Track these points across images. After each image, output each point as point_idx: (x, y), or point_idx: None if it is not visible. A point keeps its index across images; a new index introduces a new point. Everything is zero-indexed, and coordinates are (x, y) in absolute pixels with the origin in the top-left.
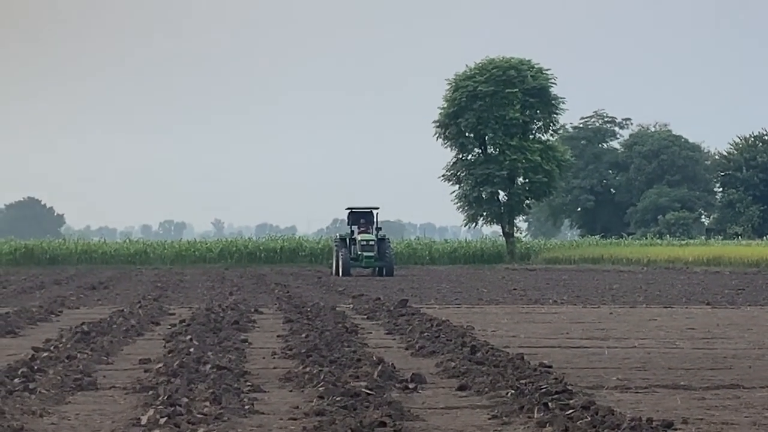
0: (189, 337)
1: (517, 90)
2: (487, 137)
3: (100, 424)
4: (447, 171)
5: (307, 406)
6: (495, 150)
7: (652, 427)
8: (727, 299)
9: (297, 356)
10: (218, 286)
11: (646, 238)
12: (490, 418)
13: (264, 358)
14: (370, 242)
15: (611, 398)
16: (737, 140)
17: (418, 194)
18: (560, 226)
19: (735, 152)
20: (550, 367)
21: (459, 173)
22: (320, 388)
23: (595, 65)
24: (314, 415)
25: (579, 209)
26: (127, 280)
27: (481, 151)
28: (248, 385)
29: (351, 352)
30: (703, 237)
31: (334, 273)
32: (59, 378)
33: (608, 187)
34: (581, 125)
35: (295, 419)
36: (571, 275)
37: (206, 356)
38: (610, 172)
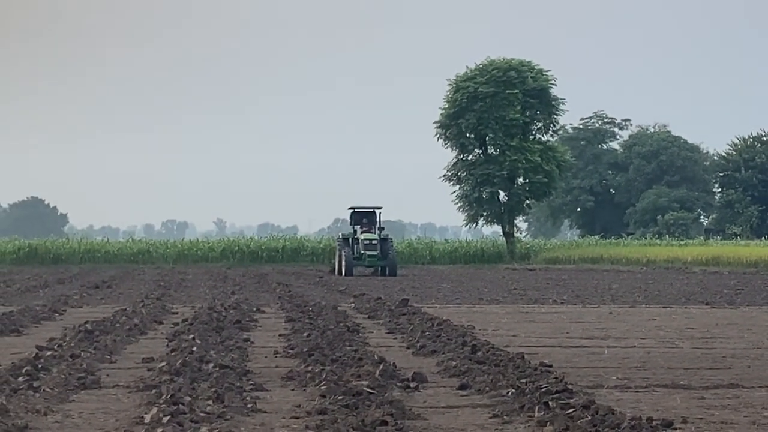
0: (192, 336)
1: (518, 91)
2: (487, 138)
3: (104, 423)
4: (447, 171)
5: (309, 404)
6: (495, 150)
7: (652, 427)
8: (726, 299)
9: (299, 355)
10: (220, 286)
11: (646, 238)
12: (491, 417)
13: (266, 357)
14: (373, 242)
15: (611, 397)
16: (736, 141)
17: (419, 194)
18: (560, 227)
19: (734, 153)
20: (551, 366)
21: (459, 173)
22: (322, 387)
23: (595, 66)
24: (316, 414)
25: (579, 209)
26: (130, 279)
27: (481, 151)
28: (251, 384)
29: (352, 351)
30: (702, 237)
31: (336, 272)
32: (63, 376)
33: (608, 187)
34: (581, 126)
35: (297, 418)
36: (570, 275)
37: (209, 355)
38: (610, 172)
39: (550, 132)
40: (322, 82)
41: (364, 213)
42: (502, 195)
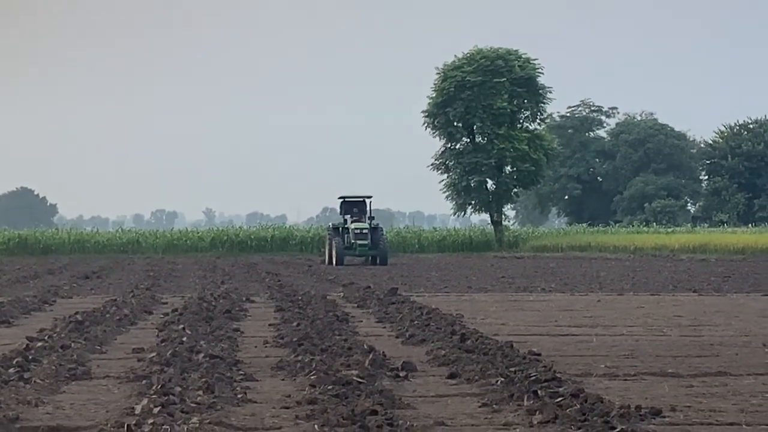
0: (182, 326)
1: (505, 80)
2: (475, 126)
3: (95, 414)
4: (435, 160)
5: (299, 394)
6: (483, 139)
7: (640, 415)
8: (714, 286)
9: (289, 345)
10: (210, 275)
11: (633, 225)
12: (480, 406)
13: (256, 346)
14: (364, 231)
15: (600, 386)
16: (723, 129)
17: (407, 183)
18: (548, 215)
19: (720, 140)
20: (539, 354)
21: (447, 162)
22: (312, 377)
23: (583, 55)
24: (306, 404)
25: (566, 197)
26: (119, 269)
27: (469, 140)
28: (241, 374)
29: (342, 340)
30: (689, 224)
31: (327, 262)
32: (53, 367)
33: (595, 175)
34: (568, 114)
35: (287, 408)
36: (558, 263)
37: (199, 345)
38: (597, 160)
39: (538, 120)
40: (312, 72)
41: (354, 202)
42: (489, 183)
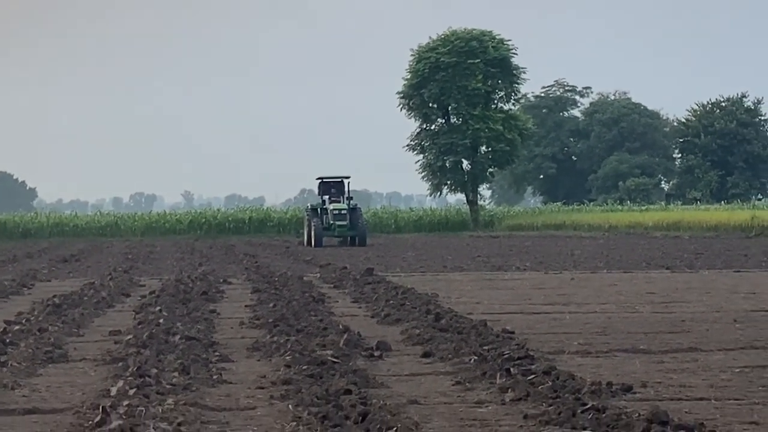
0: (158, 308)
1: (479, 61)
2: (450, 107)
3: (71, 396)
4: (411, 141)
5: (274, 375)
6: (458, 120)
7: (611, 391)
8: (686, 263)
9: (264, 326)
10: (188, 258)
11: (607, 204)
12: (453, 385)
13: (232, 328)
14: (342, 211)
15: (572, 363)
16: (695, 107)
17: (384, 164)
18: (523, 194)
19: (693, 119)
20: (513, 333)
21: (423, 143)
22: (287, 357)
23: (557, 35)
24: (281, 384)
25: (541, 177)
26: (98, 252)
27: (444, 121)
28: (216, 355)
29: (317, 321)
30: (662, 202)
31: (306, 243)
32: (30, 350)
33: (570, 154)
34: (543, 94)
35: (262, 388)
36: (533, 242)
37: (175, 327)
38: (572, 139)
39: (512, 101)
40: (290, 53)
41: (332, 183)
42: (465, 164)
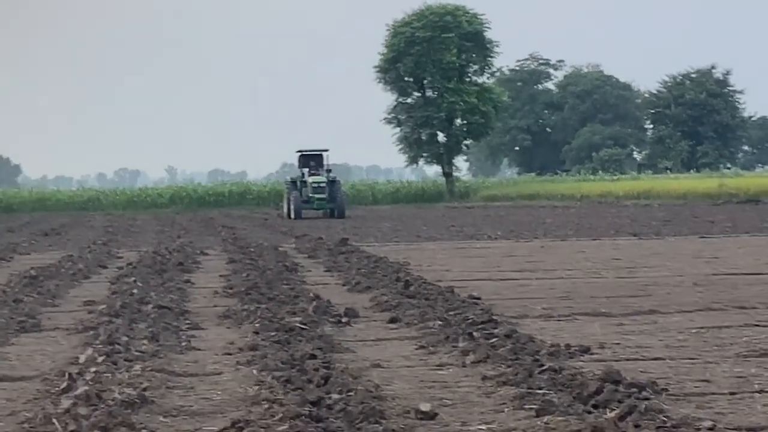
0: (133, 278)
1: (453, 35)
2: (425, 81)
3: (41, 364)
4: (388, 114)
5: (242, 341)
6: (433, 93)
7: (569, 353)
8: (654, 231)
9: (237, 294)
10: (167, 230)
11: (580, 174)
12: (417, 349)
13: (205, 297)
14: (321, 184)
15: (534, 326)
16: (666, 79)
17: (364, 137)
18: (499, 165)
19: (664, 90)
20: (479, 298)
21: (399, 116)
22: (256, 325)
23: (531, 10)
24: (248, 350)
25: (517, 148)
26: (79, 226)
27: (420, 94)
28: (187, 323)
29: (289, 289)
30: (634, 172)
31: (285, 216)
32: (3, 321)
33: (544, 126)
34: (517, 68)
35: (229, 354)
36: (507, 211)
37: (149, 297)
38: (546, 112)
39: (486, 74)
40: (269, 30)
41: (311, 156)
42: (440, 136)
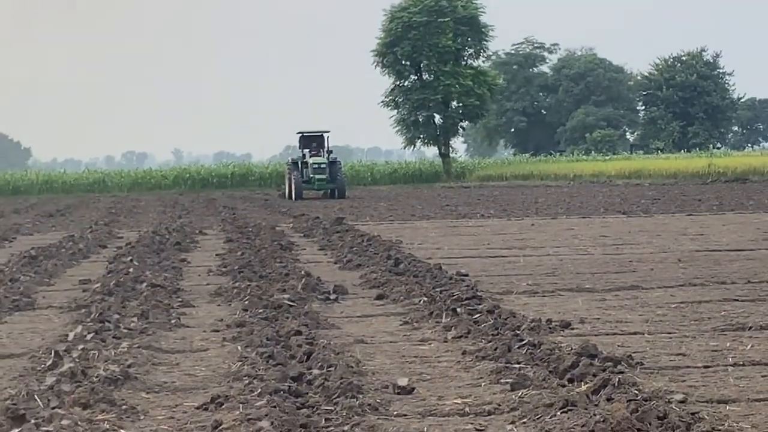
0: (130, 258)
1: (449, 19)
2: (422, 64)
3: (30, 342)
4: (386, 97)
5: (230, 318)
6: (430, 76)
7: (550, 328)
8: (642, 209)
9: (230, 273)
10: (169, 211)
11: (573, 154)
12: (401, 324)
13: (199, 275)
14: (322, 165)
15: (518, 302)
16: (658, 62)
17: (365, 120)
18: (496, 147)
19: (656, 73)
20: (466, 275)
21: (397, 99)
22: (245, 302)
23: None
24: (236, 327)
25: (513, 130)
26: (84, 207)
27: (417, 77)
28: (179, 301)
29: (281, 267)
30: (627, 152)
31: (287, 196)
32: None
33: (539, 108)
34: (513, 51)
35: (217, 331)
36: (502, 191)
37: (144, 275)
38: (541, 94)
39: (482, 57)
40: (274, 13)
41: (312, 137)
42: (437, 118)
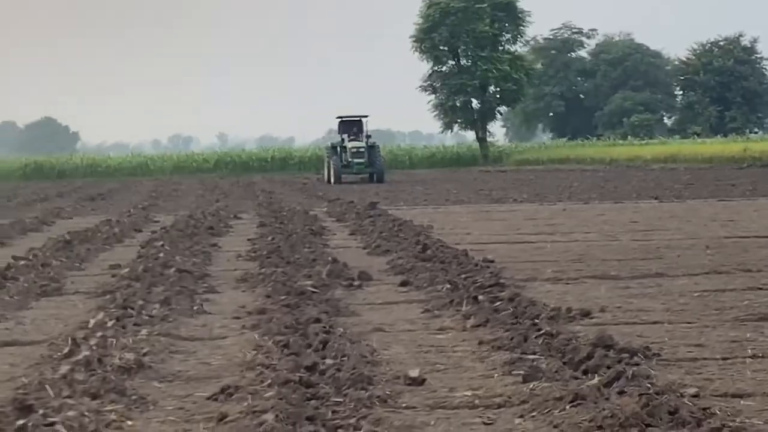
0: (162, 243)
1: (486, 5)
2: (459, 50)
3: (52, 328)
4: (424, 82)
5: (252, 305)
6: (467, 61)
7: (570, 316)
8: (675, 194)
9: (258, 258)
10: (208, 195)
11: (610, 139)
12: (422, 312)
13: (228, 260)
14: (360, 149)
15: (541, 289)
16: (695, 47)
17: (407, 104)
18: (534, 131)
19: (693, 58)
20: (493, 261)
21: (435, 84)
22: (269, 288)
23: None
24: (256, 314)
25: (551, 114)
26: (125, 191)
27: (454, 62)
28: (204, 287)
29: (309, 252)
30: (663, 137)
31: (326, 181)
32: (27, 285)
33: (577, 93)
34: (551, 36)
35: (238, 318)
36: (537, 175)
37: (173, 260)
38: (579, 79)
39: (518, 43)
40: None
41: (351, 122)
42: (474, 102)
